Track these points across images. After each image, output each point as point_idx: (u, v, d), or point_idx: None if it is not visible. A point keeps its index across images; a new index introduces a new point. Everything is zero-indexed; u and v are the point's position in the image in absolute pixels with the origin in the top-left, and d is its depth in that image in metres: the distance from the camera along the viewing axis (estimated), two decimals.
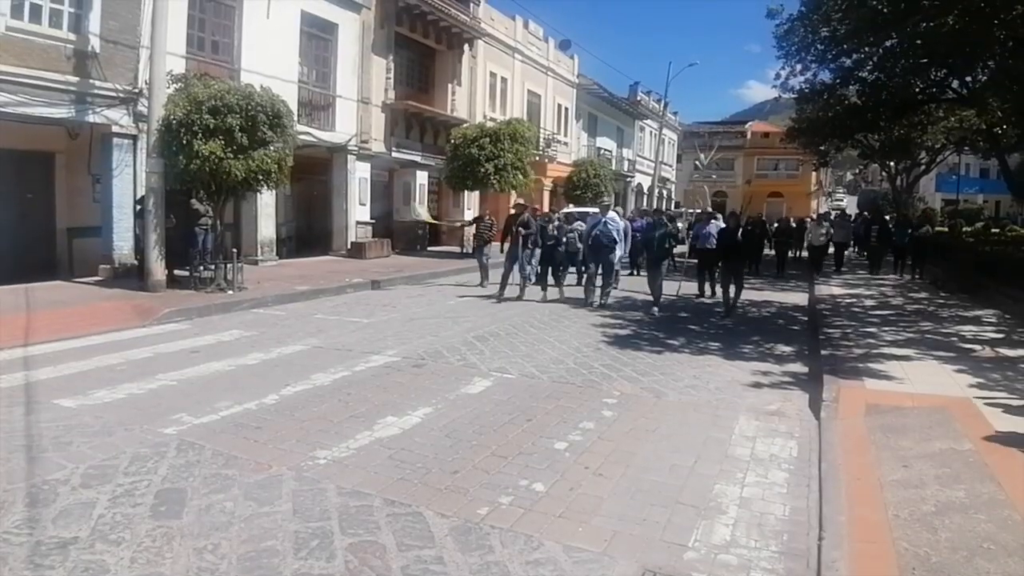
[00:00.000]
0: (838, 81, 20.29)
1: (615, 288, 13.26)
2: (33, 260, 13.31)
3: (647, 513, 4.04)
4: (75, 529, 3.64)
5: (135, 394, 6.16)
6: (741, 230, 12.39)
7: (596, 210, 13.86)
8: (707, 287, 14.52)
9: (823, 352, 8.57)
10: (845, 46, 17.63)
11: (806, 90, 20.98)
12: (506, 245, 13.34)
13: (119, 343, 8.26)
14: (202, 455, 4.74)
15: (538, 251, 13.42)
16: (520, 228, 12.79)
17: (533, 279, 13.63)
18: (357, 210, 20.22)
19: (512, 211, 13.82)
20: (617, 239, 12.23)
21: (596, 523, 3.90)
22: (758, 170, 58.02)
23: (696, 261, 15.24)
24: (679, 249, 16.33)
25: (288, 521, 3.81)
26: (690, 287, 15.02)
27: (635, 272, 17.65)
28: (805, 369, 8.08)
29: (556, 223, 13.88)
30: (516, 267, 12.91)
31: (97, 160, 13.75)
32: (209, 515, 3.86)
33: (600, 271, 12.42)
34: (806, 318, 12.26)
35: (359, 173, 19.95)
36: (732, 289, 11.78)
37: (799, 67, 19.81)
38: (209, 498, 4.07)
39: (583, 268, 13.93)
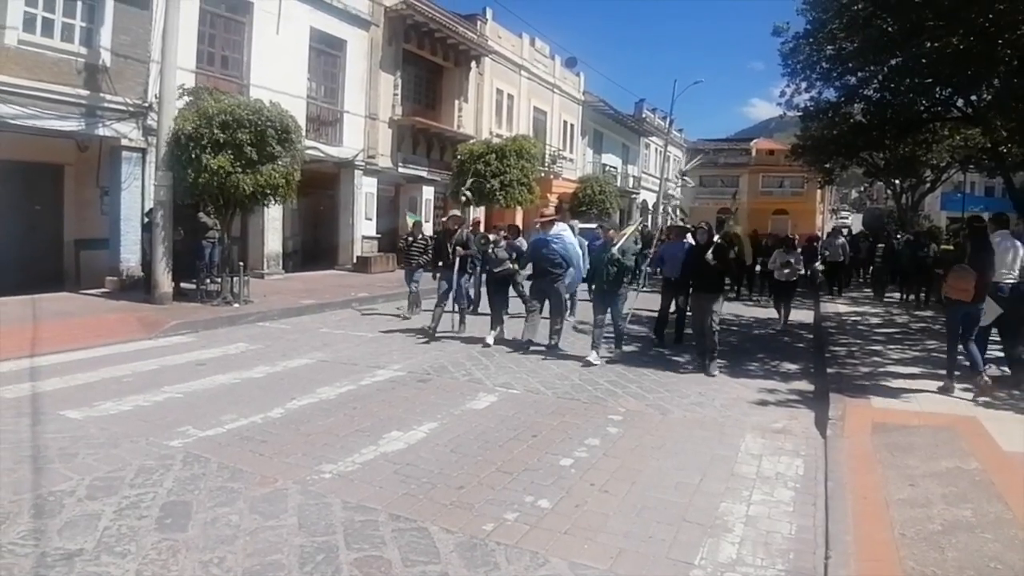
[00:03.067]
0: (843, 99, 20.29)
1: (570, 320, 11.23)
2: (41, 271, 13.41)
3: (653, 530, 4.03)
4: (80, 541, 3.64)
5: (141, 406, 6.17)
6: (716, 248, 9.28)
7: (594, 226, 12.52)
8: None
9: (829, 370, 8.53)
10: (850, 64, 17.64)
11: (811, 108, 20.99)
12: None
13: (126, 355, 8.28)
14: (208, 468, 4.74)
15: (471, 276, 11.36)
16: (458, 248, 10.34)
17: (469, 307, 11.58)
18: (363, 225, 20.31)
19: (444, 226, 11.22)
20: (566, 261, 9.45)
21: (602, 540, 3.89)
22: (763, 187, 58.03)
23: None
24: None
25: (293, 535, 3.81)
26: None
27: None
28: (811, 387, 8.05)
29: (497, 242, 10.83)
30: (452, 296, 10.34)
31: (106, 173, 13.87)
32: (215, 528, 3.86)
33: (546, 302, 9.70)
34: (811, 336, 12.23)
35: (366, 188, 20.06)
36: (712, 322, 8.55)
37: (804, 85, 19.83)
38: (215, 511, 4.07)
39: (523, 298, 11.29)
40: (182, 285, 12.61)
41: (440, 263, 10.56)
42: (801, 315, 14.55)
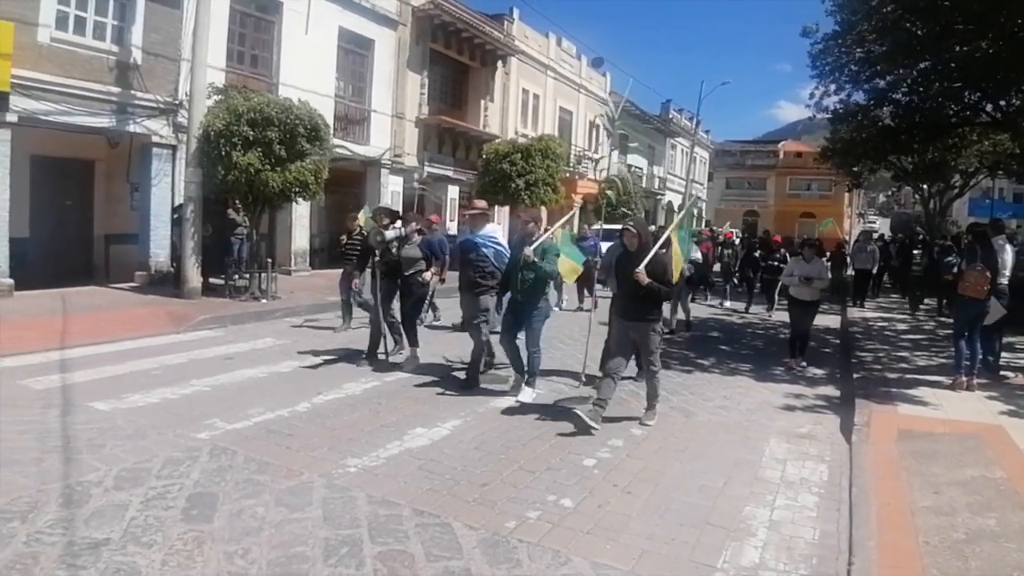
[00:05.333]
0: (872, 102, 20.10)
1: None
2: (71, 265, 13.64)
3: (676, 533, 4.02)
4: (107, 530, 3.70)
5: (169, 399, 6.26)
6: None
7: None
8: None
9: (855, 375, 8.47)
10: (879, 67, 17.49)
11: (840, 110, 20.81)
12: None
13: (154, 348, 8.40)
14: (234, 460, 4.80)
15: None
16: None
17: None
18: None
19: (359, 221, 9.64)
20: (498, 271, 7.23)
21: (624, 541, 3.89)
22: (790, 190, 57.47)
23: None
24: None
25: (318, 528, 3.85)
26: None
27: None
28: (837, 392, 7.99)
29: (408, 238, 8.20)
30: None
31: (136, 169, 14.06)
32: (240, 520, 3.91)
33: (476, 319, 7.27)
34: (838, 341, 12.09)
35: (391, 187, 20.14)
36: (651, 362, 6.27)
37: (833, 87, 19.68)
38: (240, 503, 4.13)
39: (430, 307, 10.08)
40: (210, 280, 12.76)
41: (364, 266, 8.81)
42: (828, 320, 14.41)
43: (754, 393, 7.73)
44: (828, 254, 15.19)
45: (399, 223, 8.44)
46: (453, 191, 22.51)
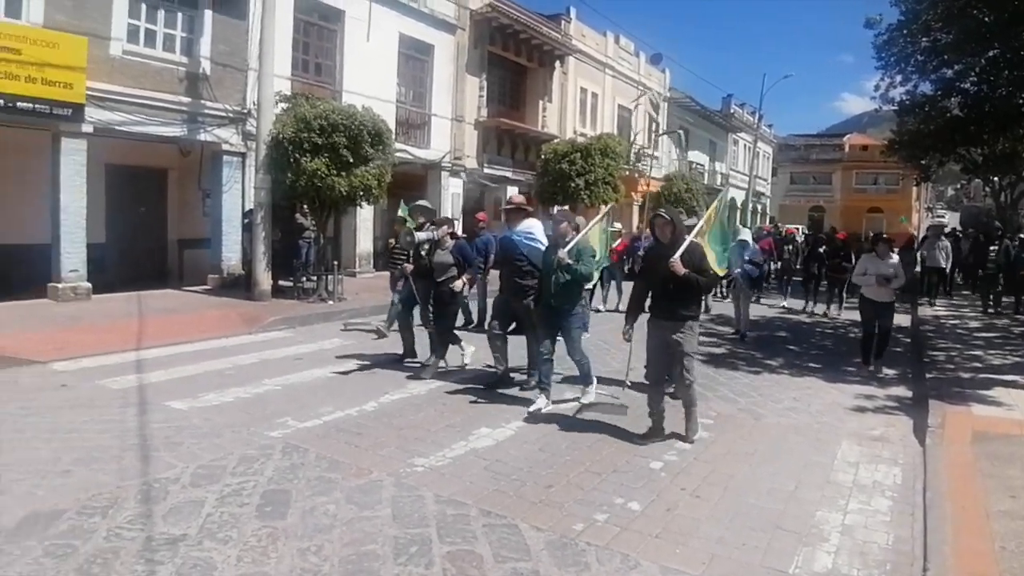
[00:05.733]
0: (939, 93, 19.40)
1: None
2: (146, 269, 14.22)
3: (746, 537, 3.93)
4: (184, 526, 3.80)
5: (242, 398, 6.43)
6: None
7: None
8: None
9: (928, 376, 8.19)
10: (946, 57, 16.90)
11: (906, 102, 20.15)
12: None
13: (227, 349, 8.64)
14: (306, 458, 4.89)
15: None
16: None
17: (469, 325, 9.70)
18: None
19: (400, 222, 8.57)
20: (534, 266, 6.76)
21: (694, 545, 3.82)
22: (856, 184, 55.67)
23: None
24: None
25: (388, 526, 3.88)
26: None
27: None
28: (909, 393, 7.73)
29: (441, 242, 7.66)
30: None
31: (207, 176, 14.53)
32: (313, 517, 3.97)
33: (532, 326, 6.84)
34: (908, 340, 11.67)
35: (452, 189, 20.30)
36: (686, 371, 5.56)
37: (899, 78, 19.10)
38: (312, 500, 4.20)
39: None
40: (279, 283, 13.10)
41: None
42: (898, 318, 13.87)
43: (824, 394, 7.53)
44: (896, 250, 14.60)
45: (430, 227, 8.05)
46: (512, 192, 22.55)
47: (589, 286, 7.66)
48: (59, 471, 4.50)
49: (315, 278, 13.10)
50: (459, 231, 11.04)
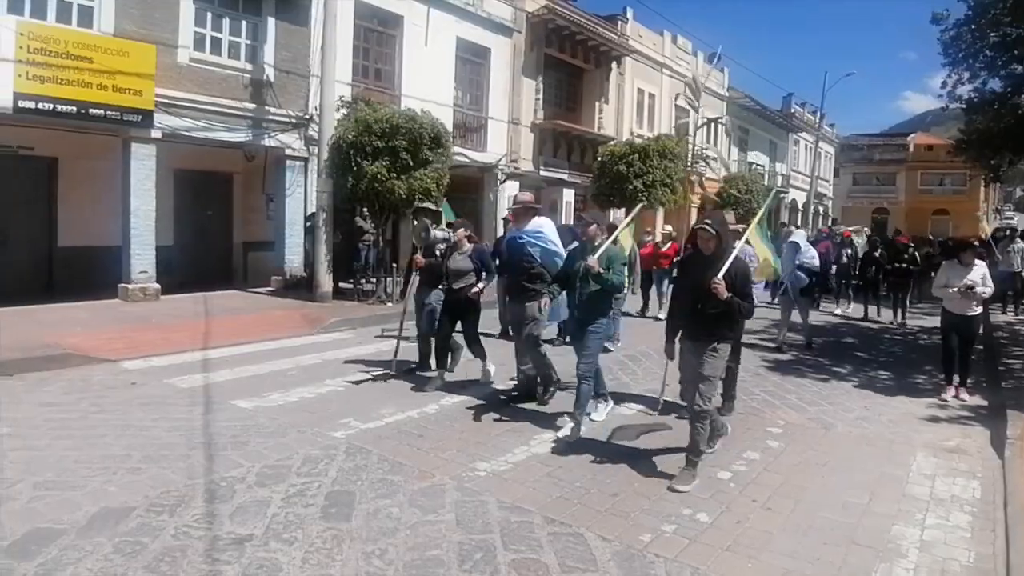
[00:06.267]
0: (1010, 89, 18.53)
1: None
2: (212, 271, 14.56)
3: (820, 552, 3.79)
4: (250, 526, 3.82)
5: (306, 398, 6.49)
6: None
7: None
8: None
9: (1004, 384, 7.84)
10: (1016, 52, 16.13)
11: (975, 99, 19.30)
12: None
13: (290, 349, 8.76)
14: (369, 459, 4.90)
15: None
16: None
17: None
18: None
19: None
20: (548, 272, 6.32)
21: (766, 559, 3.69)
22: (922, 185, 53.68)
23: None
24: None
25: (451, 531, 3.84)
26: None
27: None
28: (984, 403, 7.39)
29: (457, 245, 7.17)
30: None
31: (271, 180, 14.82)
32: (376, 520, 3.96)
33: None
34: (981, 347, 11.16)
35: (508, 192, 20.30)
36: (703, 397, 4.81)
37: (967, 75, 18.29)
38: (376, 503, 4.19)
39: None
40: (340, 284, 13.30)
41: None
42: None
43: (896, 403, 7.26)
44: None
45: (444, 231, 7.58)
46: (568, 194, 22.44)
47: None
48: (129, 468, 4.60)
49: (374, 280, 13.24)
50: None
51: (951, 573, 3.64)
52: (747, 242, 5.76)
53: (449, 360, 7.37)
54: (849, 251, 16.12)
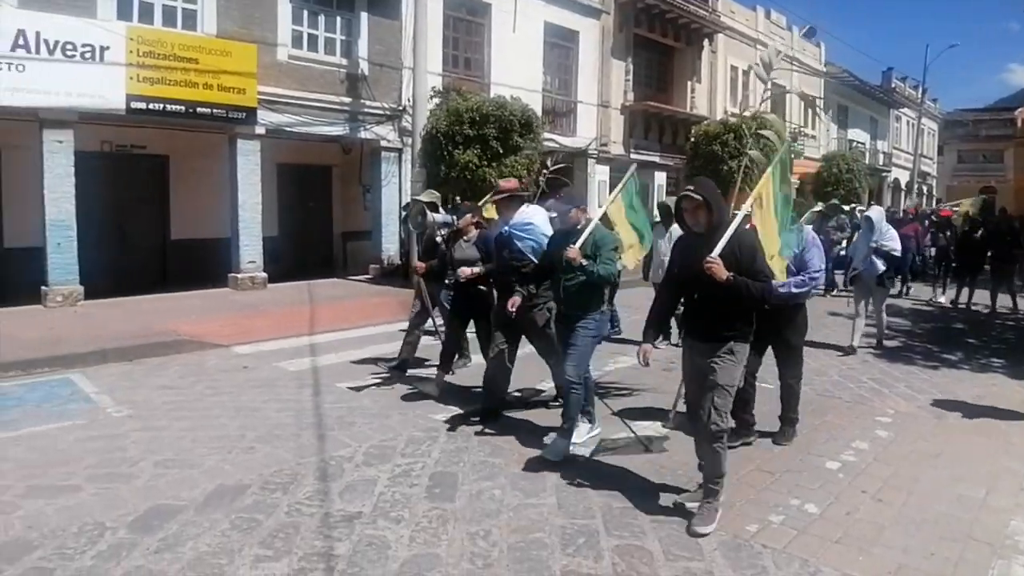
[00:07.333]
0: None
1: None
2: (314, 260, 15.17)
3: (935, 547, 3.63)
4: (359, 504, 3.97)
5: (406, 381, 6.62)
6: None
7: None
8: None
9: None
10: None
11: None
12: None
13: (390, 334, 8.96)
14: (470, 442, 5.00)
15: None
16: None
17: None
18: (597, 213, 20.36)
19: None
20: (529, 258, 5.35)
21: (878, 553, 3.56)
22: None
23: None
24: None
25: (554, 515, 3.87)
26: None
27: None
28: None
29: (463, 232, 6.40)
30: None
31: (367, 172, 15.28)
32: (480, 501, 4.04)
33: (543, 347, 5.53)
34: None
35: (598, 176, 20.14)
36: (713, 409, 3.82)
37: None
38: (479, 484, 4.27)
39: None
40: None
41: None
42: None
43: (1011, 392, 6.83)
44: None
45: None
46: (660, 177, 22.08)
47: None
48: (243, 447, 4.86)
49: None
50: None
51: None
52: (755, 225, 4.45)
53: (454, 361, 6.58)
54: (947, 233, 14.88)
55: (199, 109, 11.48)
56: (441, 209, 6.93)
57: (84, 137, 10.88)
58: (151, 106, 10.97)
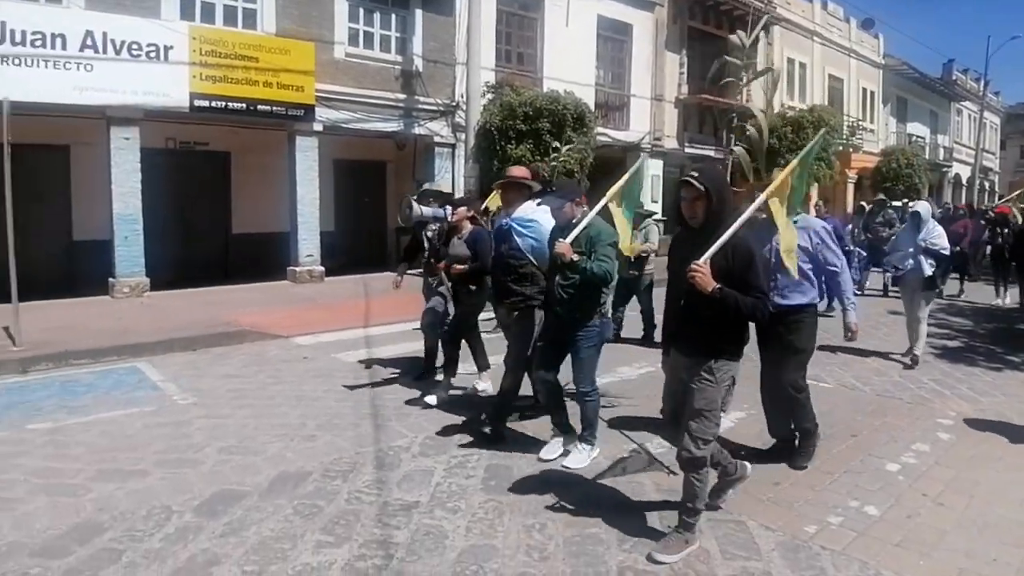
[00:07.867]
0: None
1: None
2: (369, 254, 15.38)
3: (997, 552, 3.55)
4: (416, 494, 4.05)
5: (460, 374, 6.61)
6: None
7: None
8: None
9: None
10: None
11: None
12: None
13: None
14: (523, 437, 5.04)
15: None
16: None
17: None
18: (649, 208, 20.26)
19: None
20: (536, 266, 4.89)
21: (939, 557, 3.49)
22: None
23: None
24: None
25: (609, 512, 3.88)
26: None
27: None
28: None
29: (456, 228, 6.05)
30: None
31: (421, 167, 15.39)
32: (534, 494, 4.07)
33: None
34: None
35: (652, 171, 19.95)
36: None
37: None
38: (533, 478, 4.32)
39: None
40: None
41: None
42: None
43: None
44: None
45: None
46: None
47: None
48: (304, 435, 5.00)
49: None
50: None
51: None
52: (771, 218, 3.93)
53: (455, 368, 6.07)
54: (1004, 231, 14.05)
55: (259, 107, 11.77)
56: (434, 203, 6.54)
57: (149, 134, 11.27)
58: (213, 104, 11.30)
